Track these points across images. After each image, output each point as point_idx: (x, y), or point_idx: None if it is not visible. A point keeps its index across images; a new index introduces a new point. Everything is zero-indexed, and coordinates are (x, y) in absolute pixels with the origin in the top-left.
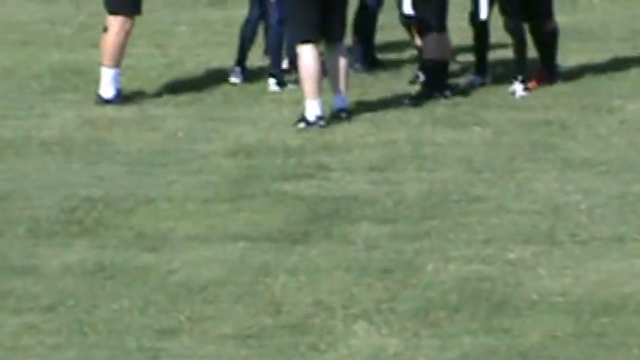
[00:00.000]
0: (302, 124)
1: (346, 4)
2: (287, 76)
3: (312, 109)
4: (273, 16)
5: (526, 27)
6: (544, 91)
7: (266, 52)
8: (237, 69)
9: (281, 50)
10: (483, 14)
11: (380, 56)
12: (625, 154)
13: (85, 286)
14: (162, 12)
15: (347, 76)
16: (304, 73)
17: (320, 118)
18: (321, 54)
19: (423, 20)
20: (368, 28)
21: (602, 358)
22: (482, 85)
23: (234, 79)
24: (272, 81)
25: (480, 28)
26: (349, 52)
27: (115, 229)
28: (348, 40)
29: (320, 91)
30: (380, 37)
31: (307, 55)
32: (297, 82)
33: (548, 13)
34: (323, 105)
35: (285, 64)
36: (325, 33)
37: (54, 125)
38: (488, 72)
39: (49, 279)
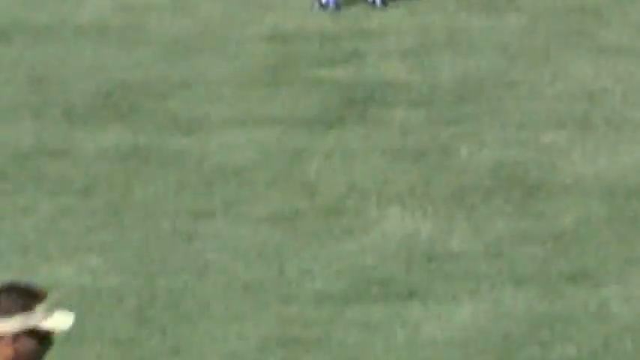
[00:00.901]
0: (316, 5)
1: None
2: None
3: None
4: None
5: None
6: None
7: None
8: None
9: None
10: None
11: None
12: None
13: (120, 170)
14: None
15: None
16: None
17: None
18: None
19: None
20: None
21: (635, 240)
22: None
23: None
24: None
25: None
26: None
27: (150, 113)
28: None
29: None
30: None
31: None
32: None
33: None
34: None
35: None
36: None
37: (89, 11)
38: None
39: (84, 162)
